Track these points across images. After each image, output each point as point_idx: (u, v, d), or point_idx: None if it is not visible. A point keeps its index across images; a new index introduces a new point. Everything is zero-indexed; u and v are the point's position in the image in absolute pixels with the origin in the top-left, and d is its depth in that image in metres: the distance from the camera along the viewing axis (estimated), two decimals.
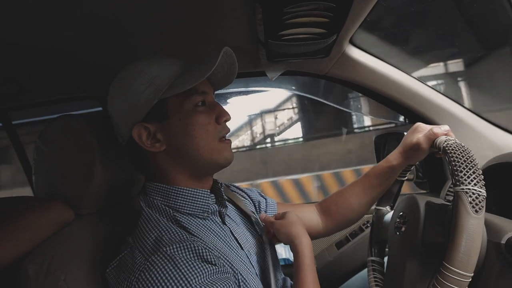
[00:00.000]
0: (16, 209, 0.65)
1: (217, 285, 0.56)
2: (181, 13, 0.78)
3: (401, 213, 0.76)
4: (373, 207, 0.92)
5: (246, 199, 0.89)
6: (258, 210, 0.89)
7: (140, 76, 0.66)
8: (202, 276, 0.56)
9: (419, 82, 1.08)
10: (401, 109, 1.12)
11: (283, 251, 1.46)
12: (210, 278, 0.56)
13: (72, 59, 1.00)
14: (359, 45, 1.05)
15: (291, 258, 1.21)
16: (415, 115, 1.10)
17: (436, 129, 0.75)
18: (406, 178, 0.90)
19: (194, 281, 0.54)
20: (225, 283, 0.58)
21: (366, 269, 0.92)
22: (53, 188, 0.72)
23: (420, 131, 0.79)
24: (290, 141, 7.03)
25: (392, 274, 0.78)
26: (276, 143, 7.08)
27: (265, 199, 0.92)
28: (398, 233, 0.76)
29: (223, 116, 0.70)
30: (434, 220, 0.69)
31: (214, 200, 0.72)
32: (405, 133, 1.05)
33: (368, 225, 1.23)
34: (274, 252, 0.83)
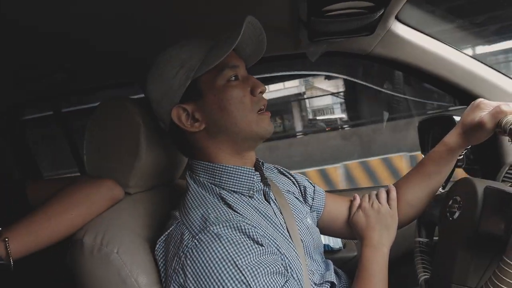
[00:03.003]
0: (70, 187, 0.69)
1: (264, 266, 0.56)
2: None
3: (456, 197, 0.72)
4: None
5: (291, 181, 0.88)
6: (303, 195, 0.87)
7: (172, 60, 0.68)
8: (249, 256, 0.56)
9: (474, 60, 1.00)
10: (452, 90, 1.05)
11: (324, 237, 1.44)
12: (258, 259, 0.57)
13: (117, 46, 1.03)
14: (406, 22, 0.99)
15: (332, 244, 1.20)
16: (468, 96, 1.02)
17: (505, 106, 0.67)
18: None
19: (240, 261, 0.55)
20: (273, 265, 0.58)
21: None
22: (103, 167, 0.75)
23: (483, 108, 0.72)
24: None
25: (441, 258, 0.74)
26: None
27: (313, 186, 0.90)
28: (451, 217, 0.72)
29: (258, 88, 0.69)
30: (495, 208, 0.63)
31: (260, 178, 0.72)
32: (454, 117, 0.98)
33: None
34: (317, 234, 0.82)
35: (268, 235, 0.63)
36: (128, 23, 0.89)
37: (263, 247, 0.59)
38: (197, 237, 0.57)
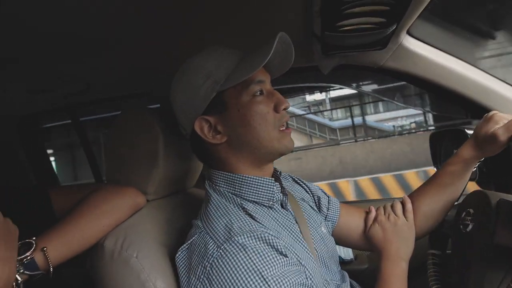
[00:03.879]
0: (96, 195, 0.70)
1: (289, 277, 0.57)
2: (236, 6, 0.80)
3: (469, 209, 0.72)
4: None
5: (305, 190, 0.89)
6: (317, 205, 0.88)
7: (198, 70, 0.68)
8: (274, 268, 0.57)
9: (486, 74, 1.01)
10: (464, 103, 1.05)
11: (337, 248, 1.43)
12: (282, 270, 0.57)
13: (134, 57, 1.07)
14: (417, 36, 1.01)
15: (343, 255, 1.19)
16: (480, 110, 1.02)
17: None
18: None
19: (266, 272, 0.55)
20: (297, 276, 0.59)
21: None
22: (123, 175, 0.78)
23: (497, 121, 0.74)
24: None
25: (455, 271, 0.74)
26: None
27: (328, 197, 0.91)
28: (464, 230, 0.72)
29: (282, 104, 0.69)
30: (509, 221, 0.63)
31: (279, 188, 0.73)
32: (466, 130, 0.99)
33: None
34: (332, 243, 0.83)
35: (289, 245, 0.64)
36: (144, 36, 0.92)
37: (287, 258, 0.59)
38: (222, 247, 0.58)
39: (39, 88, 1.20)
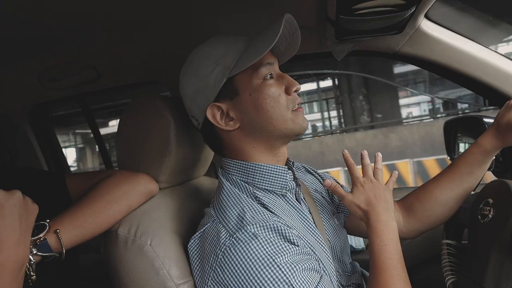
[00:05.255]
0: (109, 181, 0.71)
1: (301, 263, 0.57)
2: None
3: (488, 199, 0.70)
4: None
5: (318, 180, 0.88)
6: (330, 196, 0.87)
7: (207, 58, 0.68)
8: (286, 255, 0.56)
9: (507, 59, 0.97)
10: (483, 90, 1.02)
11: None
12: (294, 258, 0.57)
13: (145, 45, 1.06)
14: (436, 20, 0.97)
15: (354, 245, 1.19)
16: (500, 97, 0.99)
17: None
18: None
19: (278, 259, 0.55)
20: (308, 263, 0.58)
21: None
22: (134, 163, 0.77)
23: None
24: None
25: (472, 261, 0.73)
26: None
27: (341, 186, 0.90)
28: (483, 220, 0.70)
29: (293, 86, 0.69)
30: None
31: (292, 176, 0.72)
32: (485, 119, 0.96)
33: None
34: (344, 235, 0.82)
35: (302, 235, 0.63)
36: (155, 22, 0.90)
37: (298, 248, 0.59)
38: (234, 236, 0.58)
39: (49, 77, 1.20)
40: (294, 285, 0.54)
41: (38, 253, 0.56)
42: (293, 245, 0.58)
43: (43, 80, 1.21)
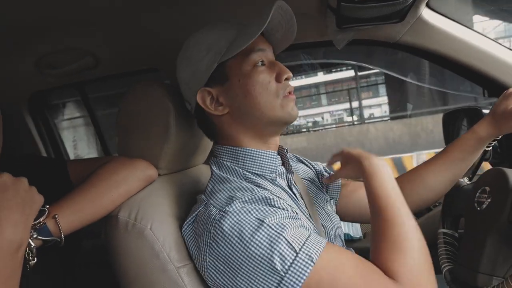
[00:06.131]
0: (108, 166, 0.71)
1: (290, 223, 0.57)
2: None
3: (485, 187, 0.71)
4: None
5: (310, 169, 0.89)
6: (321, 183, 0.88)
7: (199, 44, 0.69)
8: (274, 217, 0.56)
9: (506, 49, 0.97)
10: (482, 80, 1.02)
11: (344, 226, 1.44)
12: (283, 220, 0.57)
13: (144, 33, 1.05)
14: (437, 9, 0.96)
15: (352, 233, 1.20)
16: (499, 87, 0.99)
17: None
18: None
19: (268, 220, 0.55)
20: (297, 222, 0.58)
21: None
22: (134, 149, 0.77)
23: None
24: None
25: (468, 249, 0.74)
26: None
27: (329, 174, 0.91)
28: (479, 208, 0.71)
29: (284, 74, 0.68)
30: None
31: (281, 161, 0.73)
32: (483, 110, 0.96)
33: (437, 203, 1.16)
34: (338, 221, 0.83)
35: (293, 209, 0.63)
36: (153, 10, 0.90)
37: (287, 212, 0.59)
38: (223, 209, 0.58)
39: (48, 63, 1.19)
40: (287, 239, 0.54)
41: (39, 237, 0.57)
42: (281, 210, 0.58)
43: (41, 67, 1.20)
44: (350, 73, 9.37)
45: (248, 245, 0.54)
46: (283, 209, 0.59)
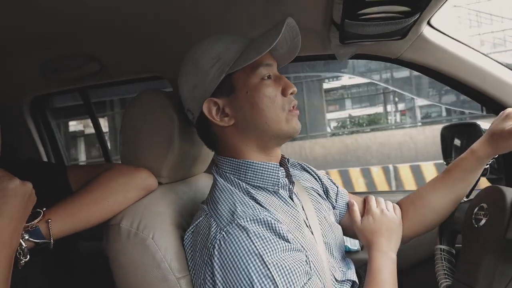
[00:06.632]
0: (107, 174, 0.71)
1: (289, 262, 0.58)
2: None
3: (482, 204, 0.72)
4: None
5: (314, 178, 0.89)
6: (325, 193, 0.88)
7: (207, 53, 0.69)
8: (275, 252, 0.57)
9: (505, 68, 0.99)
10: (481, 98, 1.04)
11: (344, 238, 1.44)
12: (283, 255, 0.58)
13: (148, 41, 1.06)
14: (437, 27, 0.99)
15: (350, 245, 1.20)
16: (497, 105, 1.01)
17: None
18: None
19: (267, 256, 0.56)
20: (297, 262, 0.59)
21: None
22: (138, 157, 0.78)
23: None
24: None
25: (465, 266, 0.75)
26: None
27: (336, 187, 0.91)
28: (476, 224, 0.72)
29: (289, 88, 0.70)
30: None
31: (284, 173, 0.73)
32: (480, 124, 0.97)
33: None
34: (339, 232, 0.83)
35: (293, 231, 0.65)
36: (159, 19, 0.91)
37: (288, 243, 0.60)
38: (224, 229, 0.59)
39: (52, 68, 1.20)
40: (278, 285, 0.55)
41: (30, 239, 0.57)
42: (283, 240, 0.59)
43: (46, 72, 1.21)
44: None
45: (241, 277, 0.56)
46: (285, 239, 0.60)
